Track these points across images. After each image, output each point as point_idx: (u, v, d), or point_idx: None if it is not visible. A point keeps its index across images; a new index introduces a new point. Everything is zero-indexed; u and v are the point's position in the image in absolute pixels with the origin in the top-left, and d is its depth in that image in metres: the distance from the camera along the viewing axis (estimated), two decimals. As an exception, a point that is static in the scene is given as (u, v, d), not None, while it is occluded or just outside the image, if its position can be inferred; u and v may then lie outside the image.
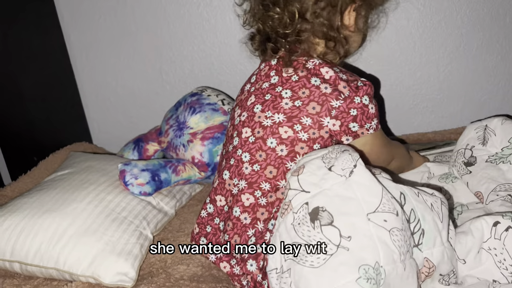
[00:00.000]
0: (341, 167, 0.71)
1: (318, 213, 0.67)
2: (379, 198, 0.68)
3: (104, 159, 1.19)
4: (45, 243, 0.92)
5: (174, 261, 0.96)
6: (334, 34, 0.87)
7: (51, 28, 1.40)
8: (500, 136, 0.94)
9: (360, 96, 0.83)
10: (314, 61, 0.86)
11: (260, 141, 0.86)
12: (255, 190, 0.86)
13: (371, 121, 0.85)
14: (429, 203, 0.73)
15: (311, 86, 0.84)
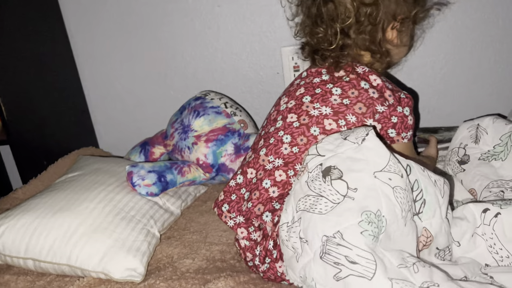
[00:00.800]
0: (355, 136, 0.77)
1: (330, 170, 0.74)
2: (387, 160, 0.73)
3: (112, 161, 1.22)
4: (58, 240, 0.95)
5: (180, 256, 1.00)
6: (376, 48, 0.95)
7: (59, 38, 1.43)
8: (492, 134, 0.96)
9: (402, 106, 0.89)
10: (363, 68, 0.93)
11: (304, 127, 0.91)
12: (289, 169, 0.90)
13: (407, 131, 0.91)
14: (432, 179, 0.77)
15: (361, 88, 0.90)
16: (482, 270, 0.75)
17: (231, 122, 1.23)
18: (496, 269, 0.74)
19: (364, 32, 0.93)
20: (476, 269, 0.75)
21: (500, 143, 0.94)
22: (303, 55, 1.03)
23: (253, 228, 0.90)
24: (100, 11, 1.44)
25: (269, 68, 1.44)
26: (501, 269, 0.73)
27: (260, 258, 0.88)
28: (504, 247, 0.74)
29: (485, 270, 0.74)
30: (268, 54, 1.42)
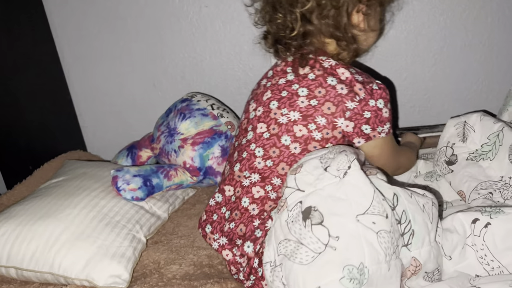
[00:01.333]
0: (336, 167, 0.72)
1: (310, 213, 0.70)
2: (370, 200, 0.69)
3: (98, 166, 1.20)
4: (40, 248, 0.93)
5: (167, 261, 0.98)
6: (341, 34, 0.87)
7: (44, 38, 1.41)
8: (480, 132, 0.95)
9: (375, 99, 0.84)
10: (330, 61, 0.87)
11: (274, 138, 0.87)
12: (266, 185, 0.88)
13: (383, 125, 0.85)
14: (421, 204, 0.74)
15: (328, 85, 0.85)
16: (471, 282, 0.74)
17: (218, 124, 1.22)
18: (485, 279, 0.72)
19: (327, 17, 0.86)
20: (465, 282, 0.74)
21: (488, 142, 0.93)
22: (266, 46, 0.96)
23: (237, 248, 0.88)
24: (86, 12, 1.42)
25: (258, 68, 1.42)
26: (489, 278, 0.72)
27: (245, 274, 0.86)
28: (496, 258, 0.72)
29: (474, 282, 0.73)
30: (257, 54, 1.41)
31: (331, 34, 0.87)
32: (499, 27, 1.31)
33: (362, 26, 0.89)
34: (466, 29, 1.32)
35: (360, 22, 0.88)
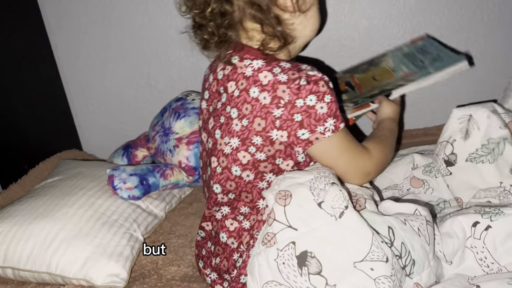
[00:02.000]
0: (331, 205, 0.68)
1: (306, 259, 0.66)
2: (369, 245, 0.66)
3: (94, 165, 1.20)
4: (37, 248, 0.93)
5: (165, 262, 0.98)
6: (263, 16, 0.76)
7: (38, 38, 1.41)
8: (484, 131, 0.90)
9: (304, 97, 0.72)
10: (253, 65, 0.76)
11: (226, 171, 0.81)
12: (237, 215, 0.84)
13: (323, 123, 0.73)
14: (416, 229, 0.72)
15: (251, 99, 0.75)
16: (470, 281, 0.74)
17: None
18: (483, 278, 0.72)
19: None
20: (463, 282, 0.74)
21: (487, 144, 0.90)
22: (196, 39, 0.85)
23: (227, 283, 0.85)
24: (81, 11, 1.41)
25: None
26: (488, 277, 0.72)
27: None
28: (496, 260, 0.72)
29: (472, 280, 0.73)
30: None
31: (253, 15, 0.76)
32: (494, 26, 1.31)
33: (290, 7, 0.78)
34: (462, 28, 1.32)
35: (287, 2, 0.77)
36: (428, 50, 1.07)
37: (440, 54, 1.03)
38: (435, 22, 1.32)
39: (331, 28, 1.34)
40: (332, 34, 1.35)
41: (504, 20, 1.30)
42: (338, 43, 1.36)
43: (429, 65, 1.00)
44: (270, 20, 0.77)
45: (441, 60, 1.00)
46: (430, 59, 1.02)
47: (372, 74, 1.09)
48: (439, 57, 1.01)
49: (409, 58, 1.08)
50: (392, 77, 1.00)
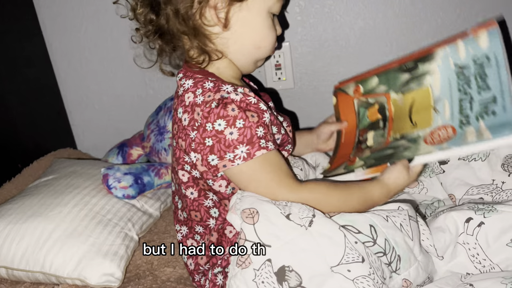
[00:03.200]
0: (299, 216, 0.68)
1: (285, 274, 0.65)
2: (343, 248, 0.66)
3: (88, 164, 1.19)
4: (31, 247, 0.92)
5: (160, 263, 0.98)
6: (185, 28, 0.75)
7: (33, 35, 1.40)
8: None
9: (212, 121, 0.69)
10: (184, 85, 0.76)
11: (180, 188, 0.82)
12: (194, 235, 0.84)
13: (234, 149, 0.69)
14: (398, 224, 0.72)
15: (178, 120, 0.75)
16: (463, 279, 0.74)
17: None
18: (476, 277, 0.72)
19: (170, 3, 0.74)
20: (456, 280, 0.74)
21: None
22: None
23: None
24: (76, 9, 1.40)
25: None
26: (481, 276, 0.72)
27: None
28: (488, 257, 0.72)
29: (465, 279, 0.73)
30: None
31: (177, 27, 0.75)
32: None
33: (212, 21, 0.75)
34: (457, 29, 1.32)
35: (214, 18, 0.75)
36: (488, 69, 0.72)
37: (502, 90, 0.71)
38: (430, 22, 1.33)
39: (327, 28, 1.35)
40: (328, 34, 1.35)
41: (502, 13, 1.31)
42: (334, 43, 1.36)
43: (478, 117, 0.72)
44: (191, 32, 0.75)
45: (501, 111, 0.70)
46: (484, 102, 0.72)
47: (412, 100, 0.84)
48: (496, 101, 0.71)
49: (462, 80, 0.76)
50: (429, 124, 0.79)
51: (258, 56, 0.82)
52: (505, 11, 1.30)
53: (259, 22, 0.78)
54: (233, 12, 0.75)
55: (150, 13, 0.77)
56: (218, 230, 0.81)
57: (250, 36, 0.78)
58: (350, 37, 1.35)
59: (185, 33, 0.76)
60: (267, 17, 0.79)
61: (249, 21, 0.77)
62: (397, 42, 1.35)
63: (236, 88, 0.72)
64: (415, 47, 1.35)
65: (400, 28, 1.33)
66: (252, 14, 0.77)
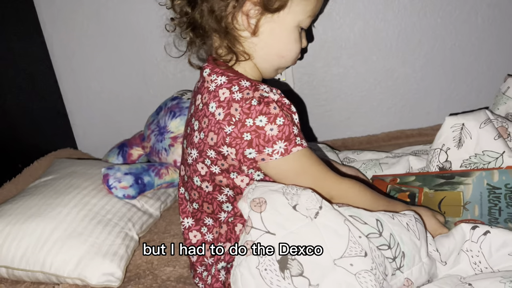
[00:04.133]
0: (306, 206, 0.69)
1: (287, 262, 0.66)
2: (346, 241, 0.67)
3: (88, 164, 1.20)
4: (31, 247, 0.93)
5: (160, 262, 0.98)
6: (221, 29, 0.78)
7: (33, 35, 1.40)
8: (475, 140, 0.92)
9: (253, 117, 0.72)
10: (217, 82, 0.77)
11: (190, 180, 0.84)
12: (201, 227, 0.85)
13: (272, 145, 0.72)
14: (404, 223, 0.73)
15: (209, 114, 0.76)
16: (461, 279, 0.74)
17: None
18: (475, 277, 0.73)
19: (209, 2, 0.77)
20: (455, 280, 0.74)
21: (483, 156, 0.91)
22: None
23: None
24: (76, 9, 1.41)
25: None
26: (480, 276, 0.72)
27: None
28: (490, 265, 0.73)
29: (465, 279, 0.74)
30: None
31: (210, 24, 0.78)
32: (488, 27, 1.32)
33: (242, 26, 0.78)
34: (456, 29, 1.33)
35: (245, 23, 0.78)
36: None
37: None
38: (429, 23, 1.33)
39: (327, 29, 1.35)
40: (328, 35, 1.36)
41: (497, 22, 1.31)
42: (334, 44, 1.36)
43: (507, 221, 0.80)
44: (228, 36, 0.79)
45: None
46: None
47: (444, 196, 0.90)
48: None
49: (492, 195, 0.85)
50: (459, 215, 0.85)
51: (281, 64, 0.85)
52: (504, 10, 1.31)
53: (286, 34, 0.81)
54: (264, 21, 0.78)
55: (186, 5, 0.80)
56: (228, 223, 0.83)
57: (276, 45, 0.82)
58: (350, 37, 1.36)
59: (217, 31, 0.79)
60: (295, 30, 0.81)
61: (278, 32, 0.80)
62: (397, 42, 1.35)
63: (272, 88, 0.76)
64: (415, 48, 1.36)
65: (400, 29, 1.34)
66: (281, 26, 0.80)
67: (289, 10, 0.79)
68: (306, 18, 0.82)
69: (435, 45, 1.35)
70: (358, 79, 1.41)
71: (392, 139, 1.40)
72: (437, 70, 1.38)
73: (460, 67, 1.37)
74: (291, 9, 0.79)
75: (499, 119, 0.97)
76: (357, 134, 1.46)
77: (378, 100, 1.43)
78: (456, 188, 0.90)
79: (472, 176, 0.89)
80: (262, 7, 0.77)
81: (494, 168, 0.89)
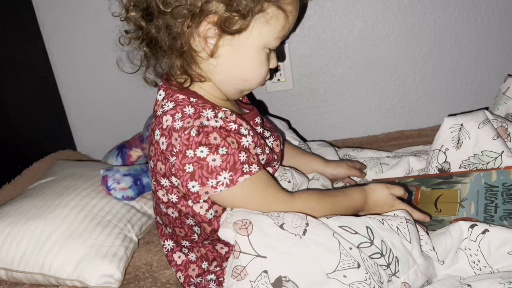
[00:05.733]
0: (293, 225, 0.68)
1: (282, 284, 0.64)
2: (338, 255, 0.66)
3: (87, 166, 1.20)
4: (30, 248, 0.92)
5: (160, 265, 0.97)
6: (173, 43, 0.71)
7: (33, 37, 1.40)
8: (474, 140, 0.92)
9: (193, 149, 0.67)
10: (164, 107, 0.73)
11: (158, 207, 0.82)
12: (182, 248, 0.84)
13: (216, 175, 0.67)
14: (394, 227, 0.72)
15: (155, 142, 0.73)
16: (461, 280, 0.74)
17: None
18: (474, 278, 0.72)
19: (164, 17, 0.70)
20: (454, 281, 0.74)
21: (482, 156, 0.91)
22: None
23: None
24: (75, 12, 1.40)
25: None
26: (479, 277, 0.72)
27: None
28: (488, 264, 0.72)
29: (464, 280, 0.73)
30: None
31: (169, 46, 0.72)
32: (487, 27, 1.32)
33: (199, 47, 0.72)
34: (456, 29, 1.33)
35: (202, 43, 0.71)
36: None
37: None
38: (429, 23, 1.33)
39: (326, 29, 1.35)
40: (327, 36, 1.36)
41: (496, 22, 1.32)
42: (333, 44, 1.36)
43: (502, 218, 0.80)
44: (178, 51, 0.72)
45: None
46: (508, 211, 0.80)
47: (439, 195, 0.91)
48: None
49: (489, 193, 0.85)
50: (454, 213, 0.85)
51: (244, 87, 0.79)
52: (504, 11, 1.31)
53: (249, 57, 0.74)
54: (223, 43, 0.72)
55: (141, 19, 0.73)
56: (205, 246, 0.81)
57: (237, 69, 0.75)
58: (349, 38, 1.36)
59: (172, 49, 0.72)
60: (260, 53, 0.75)
61: (239, 55, 0.74)
62: (396, 43, 1.35)
63: (217, 113, 0.71)
64: (414, 48, 1.36)
65: (399, 29, 1.34)
66: (243, 48, 0.73)
67: (251, 32, 0.71)
68: (273, 39, 0.74)
69: (434, 45, 1.35)
70: (357, 80, 1.41)
71: (392, 140, 1.40)
72: (437, 70, 1.38)
73: (460, 68, 1.37)
74: (254, 31, 0.71)
75: (499, 119, 0.96)
76: (357, 135, 1.46)
77: (378, 101, 1.43)
78: (453, 187, 0.90)
79: (470, 176, 0.90)
80: (219, 28, 0.70)
81: (493, 169, 0.89)
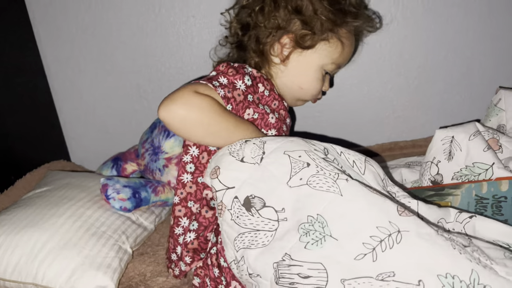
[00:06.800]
0: (251, 155, 0.78)
1: (250, 201, 0.74)
2: (289, 165, 0.74)
3: (82, 176, 1.19)
4: (24, 258, 0.91)
5: (153, 274, 0.97)
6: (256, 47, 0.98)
7: (27, 46, 1.39)
8: (465, 152, 0.93)
9: None
10: None
11: None
12: None
13: None
14: (351, 161, 0.79)
15: None
16: None
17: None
18: None
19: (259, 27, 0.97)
20: None
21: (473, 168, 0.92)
22: None
23: None
24: (71, 21, 1.41)
25: (244, 79, 1.42)
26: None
27: None
28: None
29: None
30: (244, 65, 1.41)
31: (254, 49, 0.98)
32: (479, 40, 1.34)
33: (275, 52, 0.98)
34: (449, 41, 1.35)
35: (278, 51, 0.97)
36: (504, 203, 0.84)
37: None
38: (421, 35, 1.34)
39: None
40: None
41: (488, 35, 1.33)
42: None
43: None
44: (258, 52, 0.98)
45: None
46: None
47: None
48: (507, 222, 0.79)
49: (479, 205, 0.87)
50: None
51: (299, 95, 1.02)
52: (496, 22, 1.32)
53: (310, 70, 0.98)
54: (294, 54, 0.96)
55: (239, 29, 1.01)
56: None
57: (298, 77, 0.98)
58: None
59: (255, 52, 0.98)
60: (318, 70, 0.98)
61: (303, 66, 0.98)
62: (390, 54, 1.37)
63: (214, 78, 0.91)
64: (408, 59, 1.37)
65: (393, 41, 1.35)
66: (307, 62, 0.97)
67: (315, 50, 0.96)
68: (330, 63, 0.98)
69: (427, 57, 1.37)
70: (351, 90, 1.41)
71: (386, 151, 1.41)
72: (430, 81, 1.39)
73: (453, 79, 1.39)
74: (318, 50, 0.96)
75: (490, 131, 0.97)
76: (351, 145, 1.46)
77: (372, 112, 1.44)
78: (444, 199, 0.91)
79: (461, 188, 0.91)
80: (295, 42, 0.94)
81: (484, 180, 0.90)
